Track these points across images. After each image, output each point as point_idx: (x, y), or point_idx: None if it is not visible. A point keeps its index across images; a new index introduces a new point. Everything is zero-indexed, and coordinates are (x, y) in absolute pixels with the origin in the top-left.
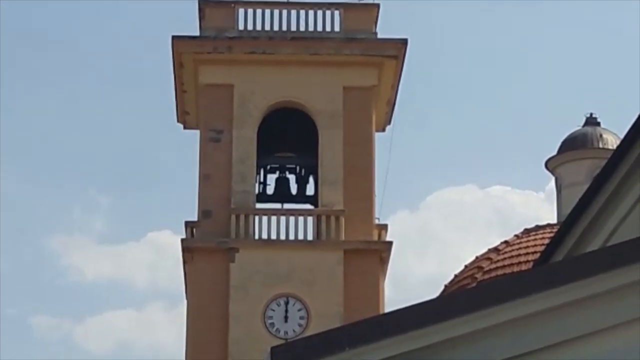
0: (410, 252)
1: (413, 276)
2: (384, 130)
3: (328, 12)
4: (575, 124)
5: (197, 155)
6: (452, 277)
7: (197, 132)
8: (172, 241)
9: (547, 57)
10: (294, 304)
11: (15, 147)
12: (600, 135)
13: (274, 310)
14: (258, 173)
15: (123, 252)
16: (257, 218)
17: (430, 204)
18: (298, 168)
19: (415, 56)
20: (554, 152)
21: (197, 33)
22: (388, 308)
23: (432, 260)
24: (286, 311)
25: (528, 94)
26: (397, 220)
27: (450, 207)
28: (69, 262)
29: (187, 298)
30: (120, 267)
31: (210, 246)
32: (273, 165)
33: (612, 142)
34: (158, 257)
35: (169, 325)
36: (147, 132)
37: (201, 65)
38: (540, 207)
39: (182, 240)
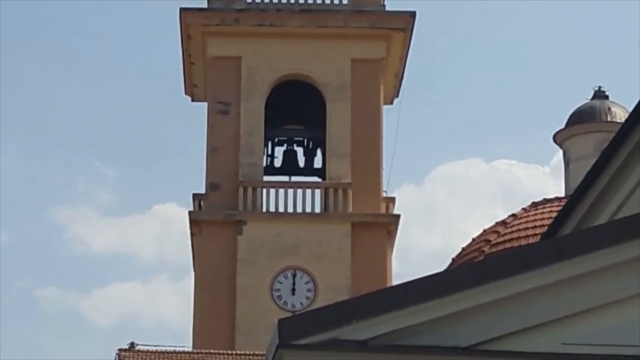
0: (416, 225)
1: (418, 250)
2: (391, 103)
3: None
4: (584, 97)
5: (204, 128)
6: (459, 250)
7: (205, 104)
8: (177, 213)
9: (556, 31)
10: (301, 277)
11: (20, 119)
12: (609, 109)
13: (281, 283)
14: (266, 146)
15: (129, 224)
16: (264, 191)
17: (435, 178)
18: (306, 141)
19: (423, 29)
20: (562, 126)
21: (205, 5)
22: (394, 281)
23: (437, 234)
24: (293, 284)
25: (536, 68)
26: (402, 194)
27: (455, 181)
28: (75, 234)
29: (194, 270)
30: (126, 239)
31: (218, 219)
32: (281, 138)
33: (620, 115)
34: (163, 229)
35: (174, 298)
36: (154, 105)
37: (209, 37)
38: (545, 180)
39: (190, 213)
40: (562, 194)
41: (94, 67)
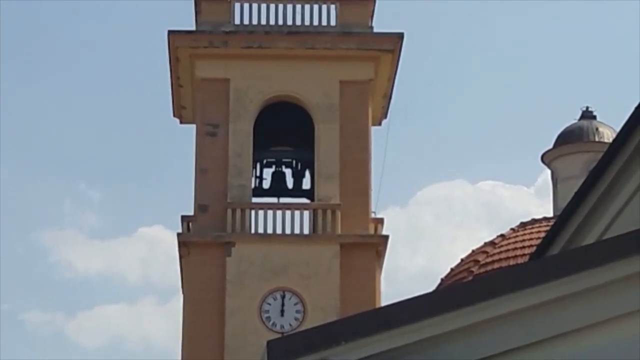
0: (401, 247)
1: (403, 271)
2: (380, 124)
3: (324, 6)
4: (572, 118)
5: (192, 150)
6: (447, 270)
7: (193, 126)
8: (163, 236)
9: (543, 51)
10: (290, 298)
11: (5, 141)
12: (596, 129)
13: (270, 304)
14: (254, 167)
15: (115, 247)
16: (253, 212)
17: (420, 199)
18: (294, 162)
19: (411, 50)
20: (550, 146)
21: (193, 27)
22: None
23: (422, 255)
24: (282, 305)
25: (524, 88)
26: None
27: (440, 203)
28: (61, 257)
29: (183, 292)
30: (111, 262)
31: (207, 240)
32: (269, 160)
33: (608, 135)
34: (150, 251)
35: (160, 320)
36: (141, 127)
37: (197, 59)
38: (530, 201)
39: (179, 235)
40: (547, 214)
41: (80, 89)
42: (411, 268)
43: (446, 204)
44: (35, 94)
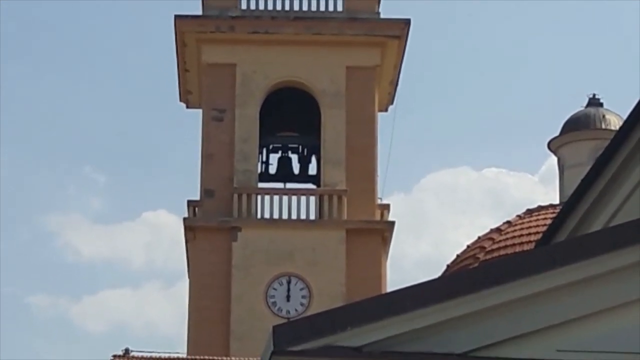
0: (405, 234)
1: (408, 258)
2: (386, 110)
3: None
4: (578, 105)
5: (198, 135)
6: (453, 257)
7: (200, 111)
8: (168, 220)
9: (550, 38)
10: (296, 283)
11: (10, 125)
12: (603, 116)
13: (276, 290)
14: (260, 152)
15: (119, 231)
16: (259, 197)
17: (424, 186)
18: (300, 148)
19: (418, 36)
20: (556, 133)
21: (199, 12)
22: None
23: (426, 242)
24: (288, 290)
25: (531, 75)
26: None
27: (444, 189)
28: (65, 242)
29: (189, 277)
30: (116, 246)
31: (213, 225)
32: (275, 145)
33: (614, 123)
34: (154, 236)
35: (165, 304)
36: (147, 111)
37: (204, 44)
38: (534, 189)
39: (185, 220)
40: (552, 201)
41: (86, 73)
42: (415, 255)
43: (450, 190)
44: (40, 78)
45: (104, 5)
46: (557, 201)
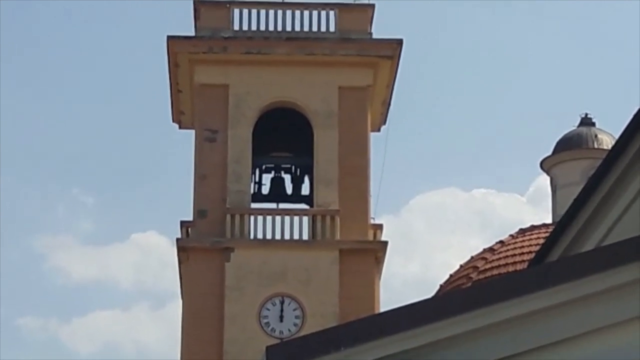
0: (394, 254)
1: (397, 278)
2: (379, 130)
3: (323, 13)
4: (571, 124)
5: (188, 155)
6: (446, 277)
7: (192, 132)
8: (157, 242)
9: (542, 57)
10: (289, 304)
11: None
12: (595, 136)
13: (269, 310)
14: (253, 173)
15: (108, 253)
16: (252, 218)
17: (413, 207)
18: (293, 168)
19: (410, 56)
20: (549, 153)
21: (192, 33)
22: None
23: (415, 262)
24: (281, 311)
25: (523, 95)
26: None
27: (433, 210)
28: (55, 263)
29: (182, 298)
30: (105, 267)
31: (206, 246)
32: (268, 165)
33: (607, 142)
34: (143, 257)
35: (154, 325)
36: (137, 132)
37: (196, 65)
38: (522, 209)
39: (178, 240)
40: (539, 222)
41: (77, 93)
42: (404, 275)
43: (439, 211)
44: (30, 97)
45: (96, 25)
46: (548, 220)
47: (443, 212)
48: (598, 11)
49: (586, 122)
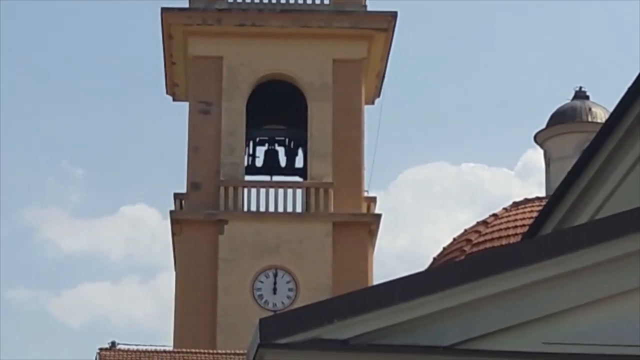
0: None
1: (386, 252)
2: (373, 103)
3: None
4: (565, 98)
5: (185, 128)
6: (439, 249)
7: (186, 104)
8: (147, 214)
9: (536, 31)
10: (282, 276)
11: None
12: (589, 109)
13: (262, 282)
14: (247, 145)
15: (98, 225)
16: (246, 190)
17: (402, 182)
18: (287, 140)
19: (405, 29)
20: (543, 126)
21: (186, 5)
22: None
23: (404, 237)
24: (275, 283)
25: (516, 69)
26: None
27: (421, 185)
28: (44, 236)
29: (175, 270)
30: (95, 240)
31: (199, 218)
32: (262, 138)
33: (601, 115)
34: (133, 230)
35: (144, 298)
36: (132, 104)
37: (190, 37)
38: (511, 183)
39: (171, 212)
40: (528, 196)
41: (69, 65)
42: (394, 249)
43: (427, 186)
44: (20, 71)
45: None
46: (537, 194)
47: (431, 186)
48: None
49: (580, 95)
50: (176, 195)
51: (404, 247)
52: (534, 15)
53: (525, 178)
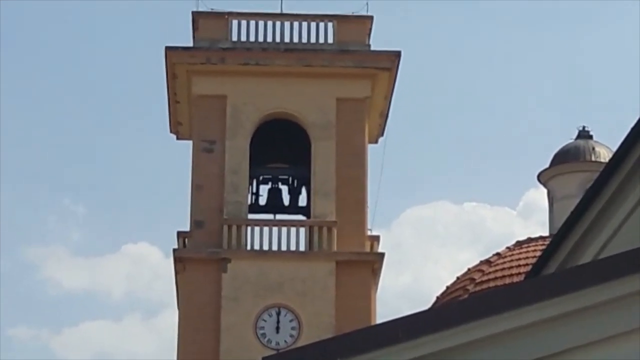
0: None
1: (389, 290)
2: (376, 142)
3: (322, 24)
4: (568, 137)
5: (188, 166)
6: (442, 288)
7: (190, 142)
8: (148, 252)
9: (539, 70)
10: (285, 315)
11: None
12: (593, 149)
13: (265, 321)
14: (250, 184)
15: (100, 263)
16: (249, 228)
17: (404, 220)
18: (290, 179)
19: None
20: (546, 165)
21: (190, 44)
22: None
23: (406, 275)
24: (278, 322)
25: (520, 107)
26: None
27: (423, 224)
28: (46, 274)
29: (178, 308)
30: (97, 278)
31: (202, 256)
32: (265, 176)
33: (604, 155)
34: (135, 268)
35: (146, 336)
36: (133, 142)
37: (194, 76)
38: (513, 223)
39: (174, 251)
40: (530, 235)
41: (74, 102)
42: (396, 287)
43: (429, 225)
44: (24, 106)
45: (95, 34)
46: (539, 234)
47: (434, 225)
48: (596, 24)
49: (583, 135)
50: (179, 234)
51: (406, 285)
52: (538, 53)
53: (527, 217)
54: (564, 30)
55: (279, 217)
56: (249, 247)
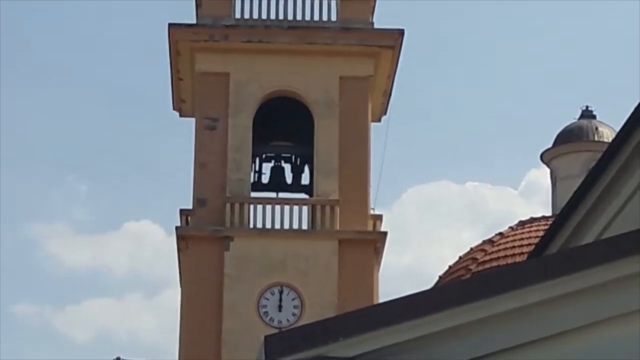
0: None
1: (391, 270)
2: (379, 120)
3: (325, 1)
4: (571, 117)
5: (191, 144)
6: (445, 268)
7: (193, 120)
8: (151, 231)
9: (542, 50)
10: (288, 293)
11: None
12: (596, 128)
13: (268, 299)
14: (253, 162)
15: (102, 241)
16: (252, 207)
17: (405, 200)
18: (293, 157)
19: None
20: (549, 145)
21: (193, 21)
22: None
23: (408, 255)
24: (280, 300)
25: (523, 87)
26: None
27: (425, 204)
28: (49, 251)
29: (180, 286)
30: (99, 256)
31: (205, 235)
32: (268, 154)
33: (607, 135)
34: (137, 246)
35: (148, 314)
36: (136, 120)
37: (197, 53)
38: (514, 203)
39: (177, 229)
40: (532, 215)
41: (76, 80)
42: (398, 267)
43: (431, 204)
44: (26, 85)
45: (97, 11)
46: (541, 214)
47: (436, 204)
48: (599, 4)
49: (587, 114)
50: (182, 212)
51: (409, 265)
52: (540, 33)
53: (529, 197)
54: (569, 10)
55: (281, 195)
56: (251, 226)
